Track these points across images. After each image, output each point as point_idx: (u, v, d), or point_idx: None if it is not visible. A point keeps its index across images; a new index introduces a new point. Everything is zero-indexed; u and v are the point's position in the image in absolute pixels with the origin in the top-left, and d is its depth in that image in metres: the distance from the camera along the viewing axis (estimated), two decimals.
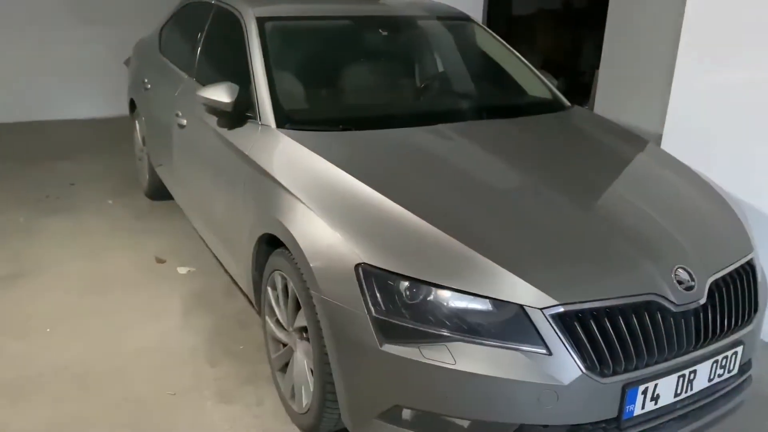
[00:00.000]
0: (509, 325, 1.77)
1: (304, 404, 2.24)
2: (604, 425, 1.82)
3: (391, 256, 1.88)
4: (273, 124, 2.53)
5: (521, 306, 1.76)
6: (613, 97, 5.71)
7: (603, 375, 1.75)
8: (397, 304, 1.83)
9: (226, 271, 3.48)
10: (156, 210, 4.40)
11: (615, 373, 1.76)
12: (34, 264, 3.57)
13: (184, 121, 3.22)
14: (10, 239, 3.87)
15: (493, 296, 1.78)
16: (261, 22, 2.89)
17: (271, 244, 2.41)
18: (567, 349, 1.73)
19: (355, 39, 3.17)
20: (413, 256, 1.88)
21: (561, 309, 1.76)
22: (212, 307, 3.19)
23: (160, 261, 3.67)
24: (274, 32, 2.88)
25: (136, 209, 4.41)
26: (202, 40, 3.38)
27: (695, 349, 1.89)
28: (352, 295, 1.88)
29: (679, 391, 1.89)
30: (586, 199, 2.20)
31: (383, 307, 1.84)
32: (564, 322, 1.75)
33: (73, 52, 6.60)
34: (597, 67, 6.10)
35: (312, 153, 2.32)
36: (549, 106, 3.01)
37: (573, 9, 9.51)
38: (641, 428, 1.86)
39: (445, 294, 1.80)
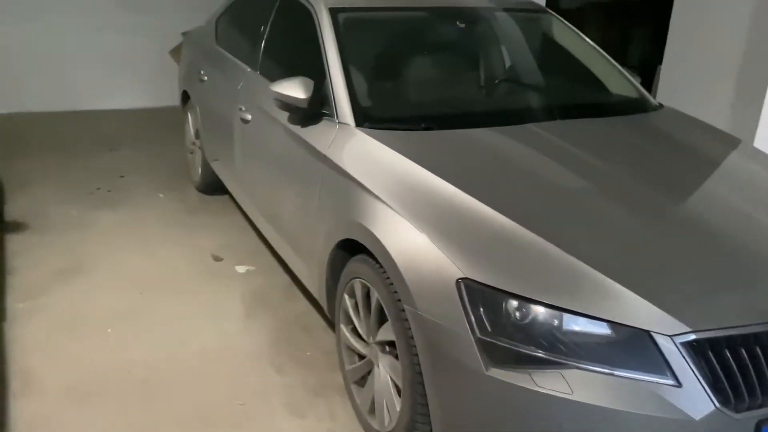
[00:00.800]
0: (634, 352, 1.60)
1: (386, 422, 2.10)
2: None
3: (497, 271, 1.72)
4: (352, 123, 2.39)
5: (648, 332, 1.59)
6: (676, 94, 5.45)
7: (737, 410, 1.57)
8: (504, 324, 1.68)
9: (285, 270, 3.37)
10: (208, 205, 4.31)
11: (750, 408, 1.59)
12: (90, 259, 3.49)
13: (249, 116, 3.09)
14: (64, 233, 3.80)
15: (617, 320, 1.61)
16: (334, 13, 2.75)
17: (349, 248, 2.27)
18: (699, 380, 1.56)
19: (432, 32, 3.00)
20: (522, 271, 1.73)
21: (693, 336, 1.58)
22: (274, 309, 3.07)
23: (217, 258, 3.57)
24: (347, 25, 2.73)
25: (188, 204, 4.32)
26: (266, 32, 3.24)
27: None
28: (453, 313, 1.73)
29: None
30: (704, 211, 2.01)
31: (489, 328, 1.68)
32: (696, 350, 1.58)
33: (118, 42, 6.55)
34: (652, 62, 5.83)
35: (399, 154, 2.17)
36: (638, 106, 2.82)
37: (623, 2, 9.21)
38: None
39: (561, 316, 1.64)
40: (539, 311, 1.66)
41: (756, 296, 1.71)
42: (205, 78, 3.91)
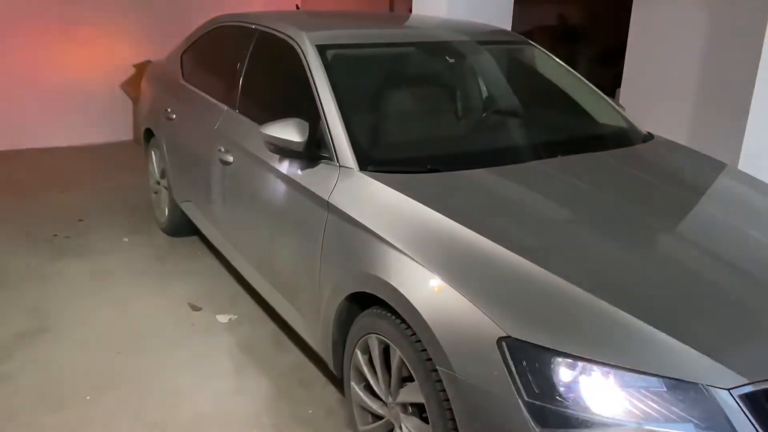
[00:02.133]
0: (689, 408, 1.52)
1: None
2: None
3: (540, 327, 1.63)
4: (355, 167, 2.26)
5: (703, 386, 1.52)
6: (639, 116, 5.57)
7: None
8: (552, 385, 1.57)
9: (270, 316, 3.20)
10: (178, 248, 4.07)
11: None
12: (56, 317, 3.22)
13: (230, 158, 2.92)
14: (24, 288, 3.50)
15: (672, 375, 1.53)
16: (322, 50, 2.63)
17: (359, 302, 2.14)
18: None
19: (424, 68, 2.92)
20: (566, 327, 1.63)
21: (751, 388, 1.52)
22: (265, 362, 2.89)
23: (195, 308, 3.35)
24: (336, 62, 2.62)
25: (156, 248, 4.08)
26: (244, 68, 3.09)
27: None
28: (495, 375, 1.61)
29: None
30: (724, 250, 1.98)
31: (536, 390, 1.58)
32: (753, 402, 1.52)
33: (64, 76, 6.22)
34: (602, 85, 5.95)
35: (412, 200, 2.05)
36: (629, 136, 2.81)
37: (568, 25, 9.49)
38: None
39: (613, 373, 1.55)
40: (590, 369, 1.56)
41: None
42: (173, 116, 3.71)
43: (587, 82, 3.11)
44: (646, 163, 2.58)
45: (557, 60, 3.18)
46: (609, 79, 6.30)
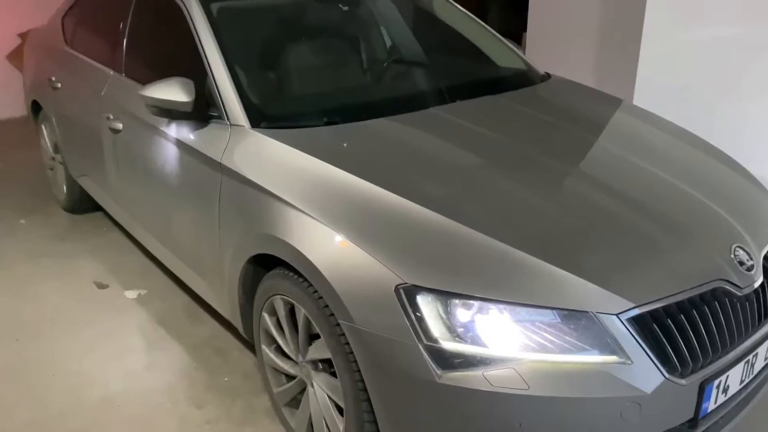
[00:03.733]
0: (583, 336, 1.56)
1: None
2: (679, 428, 1.68)
3: (433, 271, 1.62)
4: (246, 124, 2.17)
5: (593, 313, 1.56)
6: (544, 59, 5.64)
7: (683, 376, 1.60)
8: (450, 327, 1.58)
9: (183, 289, 3.09)
10: (80, 226, 3.86)
11: (693, 372, 1.62)
12: None
13: (119, 125, 2.75)
14: None
15: (561, 306, 1.57)
16: (206, 4, 2.48)
17: (262, 263, 2.08)
18: (647, 354, 1.56)
19: (315, 18, 2.81)
20: (458, 268, 1.64)
21: (637, 311, 1.58)
22: (178, 335, 2.80)
23: (101, 286, 3.20)
24: (222, 16, 2.48)
25: (57, 227, 3.84)
26: (127, 29, 2.89)
27: (755, 330, 1.78)
28: (395, 323, 1.61)
29: (743, 378, 1.78)
30: (618, 183, 2.02)
31: (435, 333, 1.58)
32: (640, 324, 1.58)
33: None
34: (509, 30, 5.98)
35: (306, 155, 1.99)
36: (528, 77, 2.82)
37: None
38: (711, 423, 1.74)
39: (506, 310, 1.57)
40: (484, 308, 1.58)
41: (682, 260, 1.74)
42: (59, 85, 3.46)
43: (486, 26, 3.10)
44: (542, 102, 2.61)
45: (456, 5, 3.13)
46: (518, 26, 6.34)
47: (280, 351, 2.14)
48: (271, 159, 2.07)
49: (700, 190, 2.01)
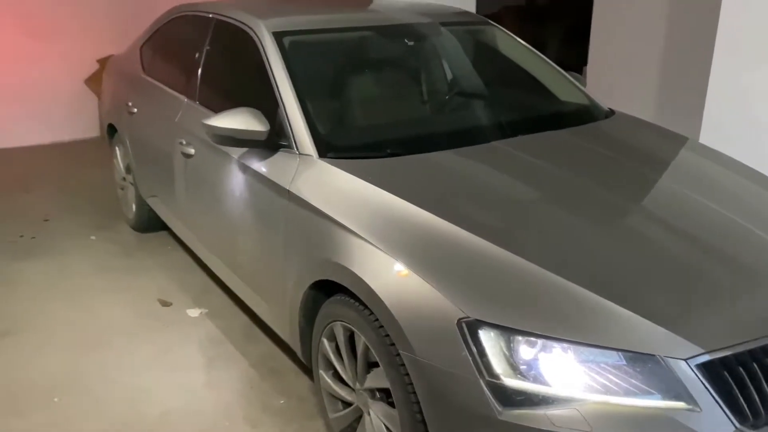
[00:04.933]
0: (648, 380, 1.54)
1: None
2: None
3: (496, 306, 1.63)
4: (314, 154, 2.24)
5: (661, 357, 1.54)
6: (605, 93, 5.59)
7: (756, 427, 1.54)
8: (512, 363, 1.58)
9: (242, 309, 3.17)
10: (146, 244, 4.01)
11: (766, 423, 1.56)
12: (20, 318, 3.15)
13: (192, 150, 2.88)
14: None
15: (629, 348, 1.54)
16: (279, 37, 2.59)
17: (324, 289, 2.12)
18: (717, 402, 1.52)
19: (382, 52, 2.89)
20: (521, 304, 1.64)
21: (707, 357, 1.54)
22: (236, 354, 2.87)
23: (164, 304, 3.31)
24: (294, 48, 2.58)
25: (124, 244, 4.01)
26: (202, 59, 3.04)
27: None
28: (456, 356, 1.61)
29: None
30: (685, 222, 1.99)
31: (497, 369, 1.58)
32: (710, 371, 1.54)
33: (26, 72, 6.06)
34: (569, 63, 5.96)
35: (371, 185, 2.04)
36: (591, 113, 2.81)
37: (536, 5, 9.49)
38: None
39: (571, 349, 1.56)
40: (547, 346, 1.57)
41: (754, 305, 1.69)
42: (135, 110, 3.64)
43: (548, 60, 3.11)
44: (607, 139, 2.59)
45: (518, 40, 3.17)
46: (576, 57, 6.32)
47: (337, 377, 2.17)
48: (336, 188, 2.13)
49: None
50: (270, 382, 2.68)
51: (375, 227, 1.93)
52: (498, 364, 1.58)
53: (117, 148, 4.15)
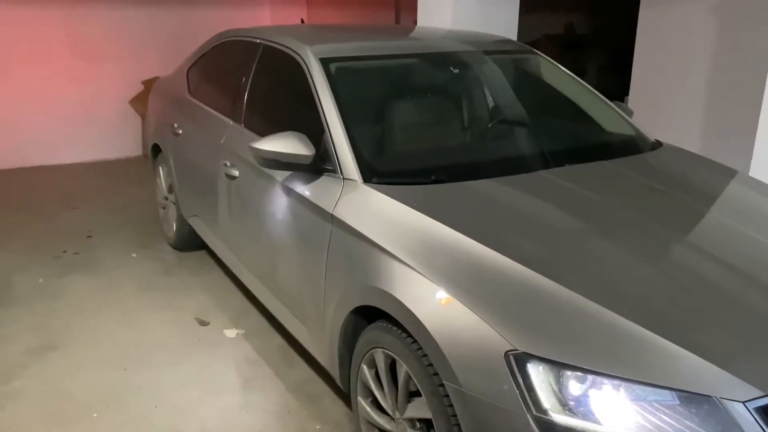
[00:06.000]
0: (703, 422, 1.48)
1: None
2: None
3: (545, 339, 1.60)
4: (359, 179, 2.24)
5: (717, 399, 1.48)
6: (648, 124, 5.51)
7: None
8: (561, 399, 1.54)
9: (279, 331, 3.17)
10: (186, 263, 4.07)
11: None
12: (63, 333, 3.22)
13: (236, 172, 2.92)
14: (32, 304, 3.51)
15: (685, 388, 1.49)
16: (325, 63, 2.62)
17: (365, 314, 2.11)
18: None
19: (427, 79, 2.91)
20: (571, 337, 1.60)
21: (767, 400, 1.48)
22: (273, 377, 2.86)
23: (203, 323, 3.34)
24: (340, 74, 2.61)
25: (164, 263, 4.07)
26: (249, 83, 3.09)
27: None
28: (503, 389, 1.58)
29: None
30: (736, 258, 1.94)
31: (545, 404, 1.54)
32: None
33: (73, 92, 6.28)
34: (610, 92, 5.91)
35: (416, 212, 2.03)
36: (637, 144, 2.77)
37: (576, 34, 9.48)
38: None
39: (623, 387, 1.51)
40: (598, 382, 1.53)
41: None
42: (180, 131, 3.72)
43: (593, 89, 3.09)
44: (655, 171, 2.55)
45: (562, 68, 3.15)
46: (618, 86, 6.27)
47: (376, 404, 2.15)
48: (380, 213, 2.13)
49: None
50: (307, 406, 2.66)
51: (419, 253, 1.92)
52: (546, 399, 1.54)
53: (160, 168, 4.24)
